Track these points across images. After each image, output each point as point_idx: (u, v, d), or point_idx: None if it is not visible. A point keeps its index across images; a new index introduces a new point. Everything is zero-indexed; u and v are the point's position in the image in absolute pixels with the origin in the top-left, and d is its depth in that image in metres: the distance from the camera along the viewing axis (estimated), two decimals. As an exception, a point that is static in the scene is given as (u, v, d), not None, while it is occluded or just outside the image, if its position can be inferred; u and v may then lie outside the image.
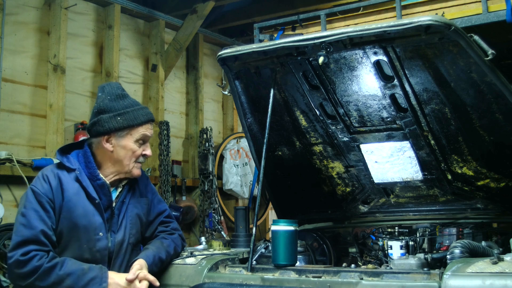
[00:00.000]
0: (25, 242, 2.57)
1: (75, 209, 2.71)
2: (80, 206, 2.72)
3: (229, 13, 6.82)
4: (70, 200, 2.71)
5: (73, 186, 2.74)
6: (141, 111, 2.86)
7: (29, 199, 2.68)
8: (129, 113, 2.82)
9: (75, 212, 2.70)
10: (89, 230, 2.72)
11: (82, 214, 2.71)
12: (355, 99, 3.09)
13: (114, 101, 2.83)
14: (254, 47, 2.99)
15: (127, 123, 2.81)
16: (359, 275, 2.48)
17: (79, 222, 2.70)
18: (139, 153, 2.86)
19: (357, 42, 2.70)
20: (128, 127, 2.81)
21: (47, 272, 2.55)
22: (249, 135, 3.49)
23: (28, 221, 2.62)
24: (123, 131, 2.81)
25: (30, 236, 2.58)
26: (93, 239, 2.73)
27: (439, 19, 2.48)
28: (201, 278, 2.77)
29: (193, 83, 6.93)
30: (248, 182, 7.10)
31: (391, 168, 3.33)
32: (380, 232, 3.47)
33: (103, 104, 2.83)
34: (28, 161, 4.76)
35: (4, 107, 4.80)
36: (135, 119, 2.82)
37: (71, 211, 2.70)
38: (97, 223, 2.74)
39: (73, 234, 2.70)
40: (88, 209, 2.74)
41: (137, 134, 2.83)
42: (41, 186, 2.71)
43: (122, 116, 2.80)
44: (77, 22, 5.53)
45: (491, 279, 2.12)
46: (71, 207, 2.70)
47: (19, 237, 2.59)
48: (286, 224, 2.83)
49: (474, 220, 3.34)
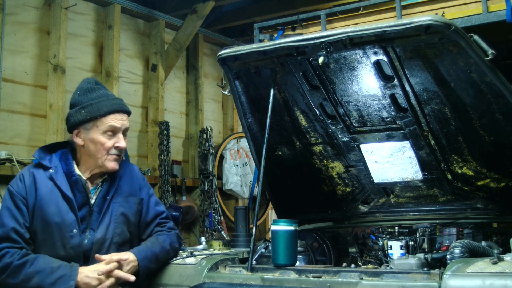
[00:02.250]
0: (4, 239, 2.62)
1: (48, 207, 2.72)
2: (52, 204, 2.73)
3: (229, 13, 6.82)
4: (42, 198, 2.72)
5: (46, 185, 2.75)
6: (106, 102, 2.80)
7: (5, 198, 2.74)
8: (93, 105, 2.78)
9: (47, 210, 2.71)
10: (61, 228, 2.72)
11: (54, 212, 2.72)
12: (355, 99, 3.09)
13: (83, 95, 2.82)
14: (254, 47, 2.99)
15: (90, 115, 2.76)
16: (359, 275, 2.48)
17: (51, 220, 2.71)
18: (109, 146, 2.80)
19: (357, 42, 2.70)
20: (92, 119, 2.77)
21: (16, 269, 2.57)
22: (249, 135, 3.49)
23: (1, 219, 2.67)
24: (88, 123, 2.77)
25: (1, 234, 2.63)
26: (66, 236, 2.72)
27: (439, 19, 2.48)
28: (201, 278, 2.77)
29: (193, 83, 6.93)
30: (248, 182, 7.10)
31: (391, 168, 3.33)
32: (380, 232, 3.46)
33: (73, 99, 2.84)
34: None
35: (4, 107, 4.80)
36: (98, 110, 2.77)
37: (43, 209, 2.71)
38: (70, 220, 2.73)
39: (46, 232, 2.71)
40: (61, 206, 2.74)
41: (103, 125, 2.77)
42: (16, 185, 2.75)
43: (86, 109, 2.77)
44: (77, 22, 5.53)
45: (491, 279, 2.12)
46: (43, 205, 2.72)
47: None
48: (286, 224, 2.83)
49: (474, 220, 3.34)
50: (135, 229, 2.97)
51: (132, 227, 2.94)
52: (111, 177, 2.92)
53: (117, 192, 2.90)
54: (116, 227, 2.85)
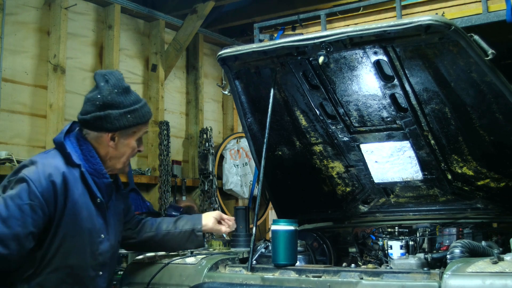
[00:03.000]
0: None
1: (81, 211, 2.50)
2: (85, 208, 2.52)
3: (229, 13, 6.82)
4: (76, 202, 2.49)
5: (77, 186, 2.52)
6: (146, 108, 2.71)
7: (21, 193, 2.38)
8: (138, 110, 2.64)
9: (80, 215, 2.50)
10: (92, 233, 2.55)
11: (86, 216, 2.52)
12: (355, 99, 3.09)
13: (122, 95, 2.61)
14: (254, 47, 2.99)
15: (136, 121, 2.64)
16: (359, 274, 2.48)
17: (84, 225, 2.51)
18: (136, 151, 2.74)
19: (357, 42, 2.70)
20: (136, 125, 2.65)
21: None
22: (249, 135, 3.49)
23: (8, 217, 2.33)
24: (130, 129, 2.64)
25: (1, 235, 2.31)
26: (96, 242, 2.56)
27: (439, 19, 2.48)
28: (201, 278, 2.77)
29: (193, 83, 6.93)
30: (248, 182, 7.10)
31: (391, 168, 3.33)
32: (380, 232, 3.46)
33: (110, 97, 2.58)
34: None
35: (4, 107, 4.80)
36: (143, 117, 2.67)
37: (76, 213, 2.48)
38: (98, 225, 2.58)
39: (77, 238, 2.50)
40: (91, 210, 2.55)
41: (141, 132, 2.70)
42: (38, 183, 2.41)
43: (132, 114, 2.62)
44: (77, 22, 5.53)
45: (491, 279, 2.12)
46: (76, 210, 2.49)
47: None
48: (286, 224, 2.83)
49: (474, 220, 3.34)
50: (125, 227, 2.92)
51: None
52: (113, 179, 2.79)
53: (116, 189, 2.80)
54: (119, 225, 2.77)
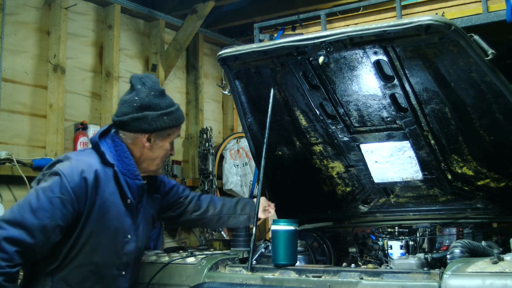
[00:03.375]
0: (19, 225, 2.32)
1: (110, 210, 2.53)
2: (114, 207, 2.55)
3: (229, 13, 6.81)
4: (106, 200, 2.52)
5: (109, 185, 2.55)
6: (180, 112, 2.76)
7: (53, 186, 2.42)
8: (174, 113, 2.70)
9: (109, 214, 2.53)
10: (119, 233, 2.57)
11: (115, 215, 2.55)
12: (355, 99, 3.09)
13: (158, 97, 2.66)
14: (254, 47, 2.99)
15: (172, 124, 2.69)
16: (359, 274, 2.48)
17: (112, 224, 2.54)
18: (169, 153, 2.77)
19: (357, 42, 2.70)
20: (171, 127, 2.70)
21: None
22: (249, 135, 3.49)
23: (38, 209, 2.36)
24: (166, 131, 2.69)
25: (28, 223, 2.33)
26: (121, 241, 2.58)
27: (439, 19, 2.48)
28: (201, 278, 2.77)
29: (193, 83, 6.93)
30: (248, 182, 7.09)
31: (391, 168, 3.33)
32: (380, 232, 3.47)
33: (148, 99, 2.62)
34: (28, 161, 4.76)
35: (4, 107, 4.80)
36: (178, 120, 2.72)
37: (105, 212, 2.52)
38: (126, 226, 2.60)
39: (103, 236, 2.53)
40: (120, 210, 2.58)
41: (174, 135, 2.76)
42: (71, 178, 2.44)
43: (168, 116, 2.67)
44: (77, 22, 5.52)
45: (491, 279, 2.12)
46: (105, 209, 2.52)
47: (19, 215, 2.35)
48: (286, 224, 2.83)
49: (474, 220, 3.34)
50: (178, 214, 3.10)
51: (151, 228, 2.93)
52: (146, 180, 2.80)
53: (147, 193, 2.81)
54: (147, 230, 2.80)
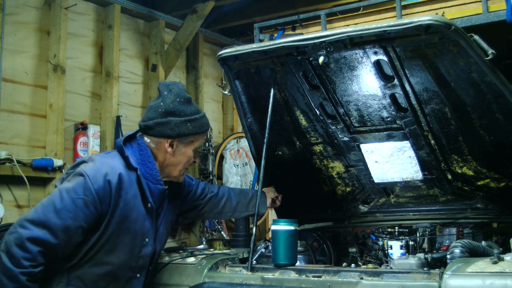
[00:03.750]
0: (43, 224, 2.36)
1: (131, 213, 2.57)
2: (135, 210, 2.58)
3: (229, 13, 6.81)
4: (128, 203, 2.55)
5: (131, 188, 2.58)
6: (205, 119, 2.79)
7: (77, 187, 2.46)
8: (198, 120, 2.72)
9: (130, 216, 2.56)
10: (138, 236, 2.60)
11: (136, 218, 2.58)
12: (355, 99, 3.09)
13: (183, 104, 2.71)
14: (254, 47, 2.99)
15: (195, 131, 2.71)
16: (359, 274, 2.48)
17: (131, 227, 2.57)
18: (192, 160, 2.78)
19: (357, 42, 2.70)
20: (194, 134, 2.72)
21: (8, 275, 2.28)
22: (249, 135, 3.49)
23: (61, 209, 2.40)
24: (188, 137, 2.71)
25: (52, 224, 2.37)
26: (139, 244, 2.61)
27: (439, 19, 2.48)
28: (201, 278, 2.77)
29: (193, 83, 6.93)
30: (248, 182, 7.09)
31: (391, 168, 3.33)
32: (380, 232, 3.47)
33: (173, 106, 2.68)
34: (28, 161, 4.76)
35: (4, 107, 4.79)
36: (202, 127, 2.74)
37: (127, 215, 2.55)
38: (145, 229, 2.63)
39: (123, 238, 2.56)
40: (141, 213, 2.61)
41: (198, 142, 2.77)
42: (95, 180, 2.48)
43: (192, 123, 2.70)
44: (77, 22, 5.52)
45: (491, 278, 2.13)
46: (127, 211, 2.55)
47: (43, 215, 2.39)
48: (286, 224, 2.83)
49: (474, 220, 3.34)
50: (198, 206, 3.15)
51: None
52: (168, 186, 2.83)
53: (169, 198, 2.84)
54: (167, 235, 2.83)
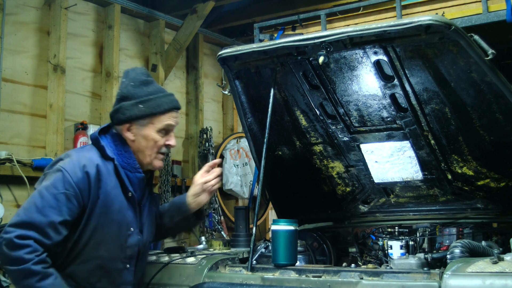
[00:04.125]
0: (29, 225, 2.35)
1: (112, 203, 2.54)
2: (117, 201, 2.56)
3: (229, 13, 6.81)
4: (108, 194, 2.53)
5: (110, 179, 2.55)
6: (165, 98, 2.67)
7: (56, 183, 2.44)
8: (152, 100, 2.63)
9: (112, 207, 2.54)
10: (122, 226, 2.57)
11: (118, 209, 2.56)
12: (355, 99, 3.09)
13: (138, 87, 2.65)
14: (254, 47, 2.99)
15: (149, 111, 2.61)
16: (359, 274, 2.48)
17: (115, 218, 2.54)
18: (161, 144, 2.67)
19: (357, 42, 2.70)
20: (150, 115, 2.62)
21: (26, 274, 2.31)
22: (249, 135, 3.49)
23: (44, 206, 2.39)
24: (144, 119, 2.62)
25: (37, 222, 2.36)
26: (124, 235, 2.58)
27: (439, 19, 2.48)
28: (201, 278, 2.77)
29: (193, 83, 6.93)
30: (248, 182, 7.09)
31: (391, 168, 3.33)
32: (380, 232, 3.47)
33: (126, 90, 2.65)
34: (28, 161, 4.76)
35: (4, 107, 4.80)
36: (158, 107, 2.63)
37: (108, 205, 2.53)
38: (129, 218, 2.60)
39: (107, 230, 2.53)
40: (123, 203, 2.58)
41: (160, 123, 2.64)
42: (74, 173, 2.46)
43: (145, 104, 2.61)
44: (77, 22, 5.52)
45: (491, 278, 2.12)
46: (108, 202, 2.53)
47: (26, 217, 2.38)
48: (286, 224, 2.83)
49: (474, 220, 3.34)
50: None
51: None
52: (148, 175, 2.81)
53: (151, 190, 2.84)
54: (152, 227, 2.81)
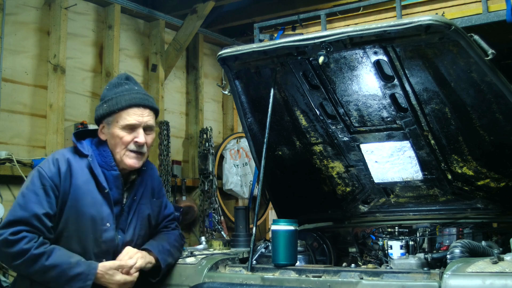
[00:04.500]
0: (17, 222, 2.49)
1: (83, 197, 2.61)
2: (89, 195, 2.62)
3: (229, 13, 6.81)
4: (79, 188, 2.61)
5: (83, 174, 2.64)
6: (126, 96, 2.69)
7: (33, 180, 2.59)
8: (113, 99, 2.69)
9: (82, 201, 2.60)
10: (96, 221, 2.62)
11: (90, 203, 2.61)
12: (355, 99, 3.09)
13: (110, 90, 2.75)
14: (254, 47, 2.99)
15: (109, 109, 2.68)
16: (359, 274, 2.48)
17: (86, 211, 2.60)
18: (127, 140, 2.68)
19: (357, 42, 2.70)
20: (111, 113, 2.68)
21: (33, 259, 2.46)
22: (249, 135, 3.49)
23: (26, 203, 2.53)
24: (109, 117, 2.69)
25: (23, 218, 2.50)
26: (99, 229, 2.63)
27: (439, 19, 2.48)
28: (201, 278, 2.77)
29: (193, 83, 6.93)
30: (248, 182, 7.10)
31: (391, 168, 3.33)
32: (380, 232, 3.47)
33: (102, 94, 2.78)
34: (28, 161, 4.76)
35: (4, 107, 4.80)
36: (116, 104, 2.67)
37: (78, 199, 2.60)
38: (104, 214, 2.64)
39: (79, 223, 2.60)
40: (96, 198, 2.64)
41: (122, 120, 2.67)
42: (48, 169, 2.59)
43: (107, 103, 2.70)
44: (77, 22, 5.53)
45: (491, 278, 2.12)
46: (79, 195, 2.60)
47: (12, 216, 2.53)
48: (286, 224, 2.83)
49: (474, 220, 3.34)
50: (153, 231, 2.96)
51: (151, 229, 2.92)
52: (140, 177, 2.85)
53: (144, 193, 2.85)
54: (141, 230, 2.82)
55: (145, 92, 2.82)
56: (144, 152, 2.75)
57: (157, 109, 2.84)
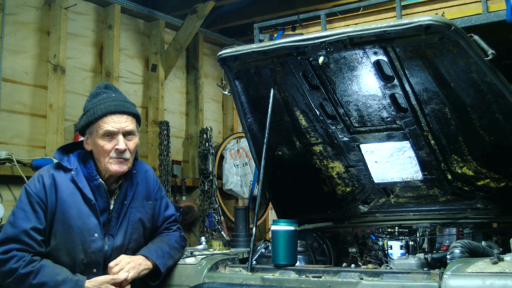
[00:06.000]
0: (7, 241, 2.57)
1: (70, 210, 2.67)
2: (74, 207, 2.68)
3: (229, 13, 6.82)
4: (64, 201, 2.67)
5: (67, 187, 2.70)
6: (102, 105, 2.72)
7: (21, 198, 2.68)
8: (91, 110, 2.73)
9: (69, 213, 2.66)
10: (83, 232, 2.67)
11: (76, 215, 2.67)
12: (355, 99, 3.09)
13: (90, 100, 2.80)
14: (254, 47, 2.99)
15: (88, 120, 2.73)
16: (359, 275, 2.48)
17: (73, 223, 2.66)
18: (108, 148, 2.70)
19: (357, 42, 2.70)
20: (90, 123, 2.72)
21: (21, 278, 2.52)
22: (249, 135, 3.49)
23: (14, 220, 2.61)
24: (90, 128, 2.74)
25: (12, 235, 2.57)
26: (87, 240, 2.68)
27: (439, 19, 2.48)
28: (201, 278, 2.77)
29: (193, 83, 6.93)
30: (248, 182, 7.10)
31: (391, 168, 3.33)
32: (380, 232, 3.47)
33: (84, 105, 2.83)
34: (28, 161, 4.76)
35: (4, 107, 4.80)
36: (93, 114, 2.71)
37: (65, 212, 2.66)
38: (91, 225, 2.69)
39: (67, 235, 2.66)
40: (83, 210, 2.69)
41: (100, 129, 2.70)
42: (33, 186, 2.68)
43: (86, 114, 2.75)
44: (77, 22, 5.53)
45: (491, 279, 2.12)
46: (65, 208, 2.66)
47: (3, 234, 2.60)
48: (286, 224, 2.83)
49: (474, 220, 3.34)
50: (149, 234, 2.96)
51: (146, 232, 2.92)
52: (127, 181, 2.86)
53: (134, 196, 2.86)
54: (133, 233, 2.83)
55: (124, 99, 2.83)
56: (127, 157, 2.76)
57: (136, 113, 2.83)
